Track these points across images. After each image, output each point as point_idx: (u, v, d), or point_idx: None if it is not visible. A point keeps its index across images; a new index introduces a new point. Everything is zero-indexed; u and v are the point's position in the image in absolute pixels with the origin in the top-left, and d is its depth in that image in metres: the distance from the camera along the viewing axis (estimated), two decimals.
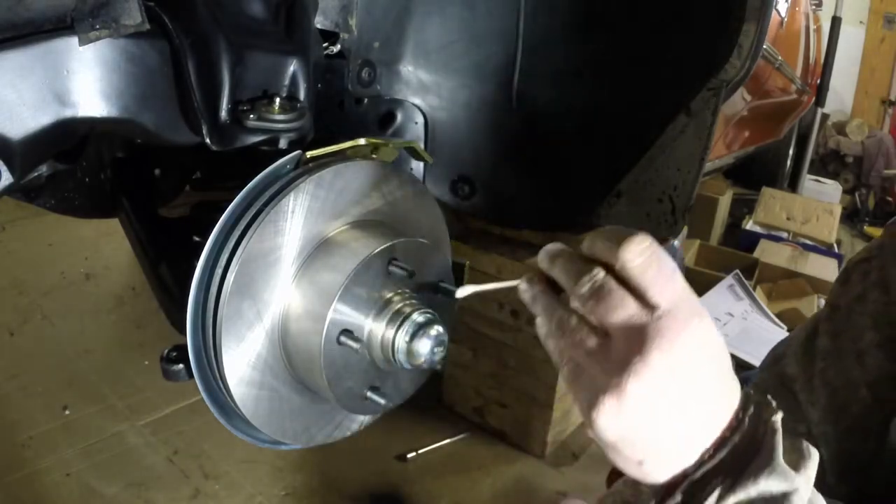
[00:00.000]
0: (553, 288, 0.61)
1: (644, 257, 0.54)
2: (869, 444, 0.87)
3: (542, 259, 0.62)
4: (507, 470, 1.99)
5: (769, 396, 0.59)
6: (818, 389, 0.93)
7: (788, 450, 0.56)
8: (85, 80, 0.72)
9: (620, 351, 0.54)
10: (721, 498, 0.54)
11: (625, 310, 0.54)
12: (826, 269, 3.42)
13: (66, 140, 0.75)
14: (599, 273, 0.56)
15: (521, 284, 0.63)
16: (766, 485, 0.54)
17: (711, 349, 0.56)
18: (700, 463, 0.55)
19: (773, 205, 4.13)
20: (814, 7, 4.38)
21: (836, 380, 0.91)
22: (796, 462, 0.56)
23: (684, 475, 0.56)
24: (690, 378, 0.54)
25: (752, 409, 0.57)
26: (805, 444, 0.58)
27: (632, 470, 0.57)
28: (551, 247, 0.62)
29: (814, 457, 0.58)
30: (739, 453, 0.55)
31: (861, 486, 0.88)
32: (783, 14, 3.30)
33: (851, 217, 5.34)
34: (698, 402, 0.55)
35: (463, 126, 1.29)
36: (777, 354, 1.05)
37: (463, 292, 0.76)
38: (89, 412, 2.05)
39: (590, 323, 0.57)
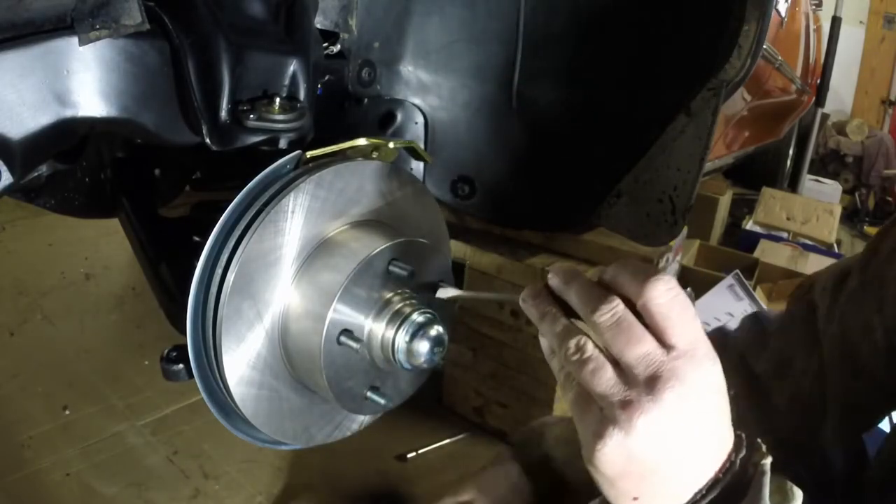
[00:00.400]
0: (559, 306, 0.62)
1: (668, 298, 0.55)
2: (872, 389, 0.88)
3: (554, 279, 0.62)
4: None
5: (759, 440, 0.61)
6: (836, 327, 0.95)
7: (774, 490, 0.58)
8: (85, 80, 0.72)
9: (633, 385, 0.55)
10: None
11: (643, 346, 0.55)
12: None
13: (66, 140, 0.74)
14: (619, 304, 0.57)
15: (523, 297, 0.64)
16: None
17: (717, 393, 0.57)
18: (693, 502, 0.56)
19: (773, 205, 4.13)
20: (814, 7, 4.38)
21: (854, 320, 0.92)
22: (781, 502, 0.58)
23: None
24: (696, 420, 0.55)
25: (743, 452, 0.59)
26: (790, 485, 0.60)
27: None
28: (564, 267, 0.62)
29: (797, 497, 0.60)
30: (729, 493, 0.57)
31: (861, 429, 0.89)
32: (783, 14, 3.30)
33: (851, 217, 5.35)
34: (700, 443, 0.56)
35: (463, 126, 1.29)
36: (809, 284, 1.07)
37: (444, 294, 0.76)
38: (89, 412, 2.05)
39: (604, 352, 0.57)
